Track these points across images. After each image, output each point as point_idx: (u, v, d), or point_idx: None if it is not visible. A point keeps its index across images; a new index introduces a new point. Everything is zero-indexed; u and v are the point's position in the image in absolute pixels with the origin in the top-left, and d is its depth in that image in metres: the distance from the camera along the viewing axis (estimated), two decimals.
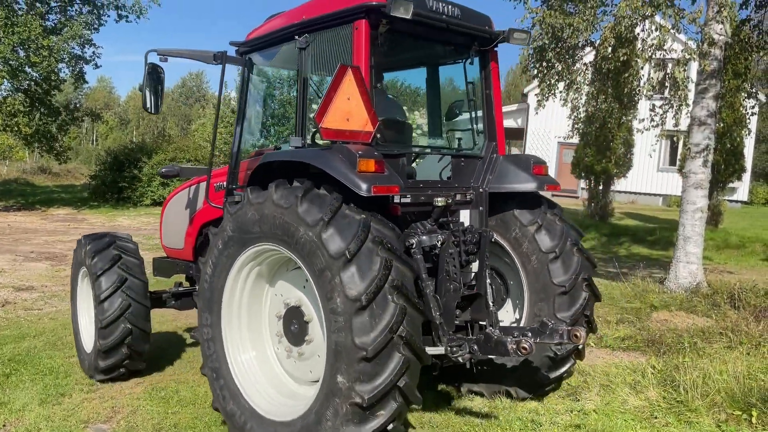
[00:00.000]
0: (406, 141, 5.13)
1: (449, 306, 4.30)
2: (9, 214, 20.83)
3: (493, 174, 4.93)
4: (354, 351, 3.48)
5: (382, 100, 5.16)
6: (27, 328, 7.35)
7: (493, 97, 5.10)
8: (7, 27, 19.46)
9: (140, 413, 4.92)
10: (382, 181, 3.83)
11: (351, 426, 3.53)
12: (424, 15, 4.33)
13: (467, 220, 4.85)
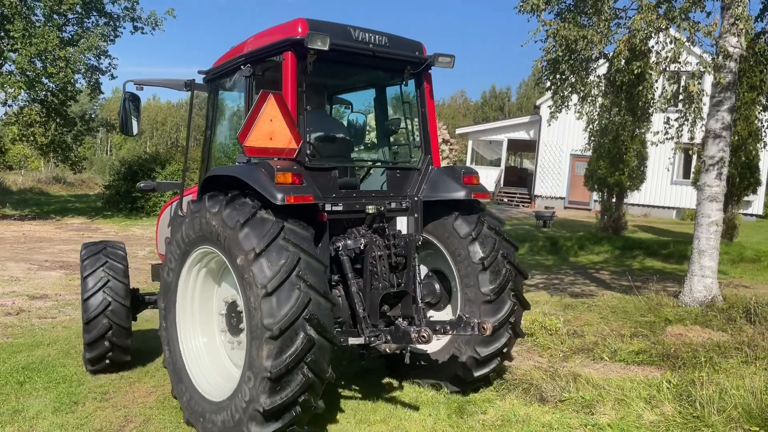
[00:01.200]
0: (343, 156, 5.60)
1: (374, 302, 4.84)
2: (24, 223, 21.03)
3: (427, 184, 5.47)
4: (263, 331, 4.00)
5: (320, 118, 5.76)
6: (41, 336, 7.40)
7: (427, 114, 5.64)
8: (24, 38, 19.75)
9: (153, 423, 4.92)
10: (296, 191, 4.33)
11: (263, 397, 4.03)
12: (349, 46, 4.96)
13: (404, 227, 5.32)
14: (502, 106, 76.00)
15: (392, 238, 5.05)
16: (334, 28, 4.91)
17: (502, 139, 33.63)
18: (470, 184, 5.36)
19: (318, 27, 4.77)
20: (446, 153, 20.19)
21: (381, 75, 5.85)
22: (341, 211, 4.99)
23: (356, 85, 6.30)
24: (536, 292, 11.04)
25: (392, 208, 5.31)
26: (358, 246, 4.97)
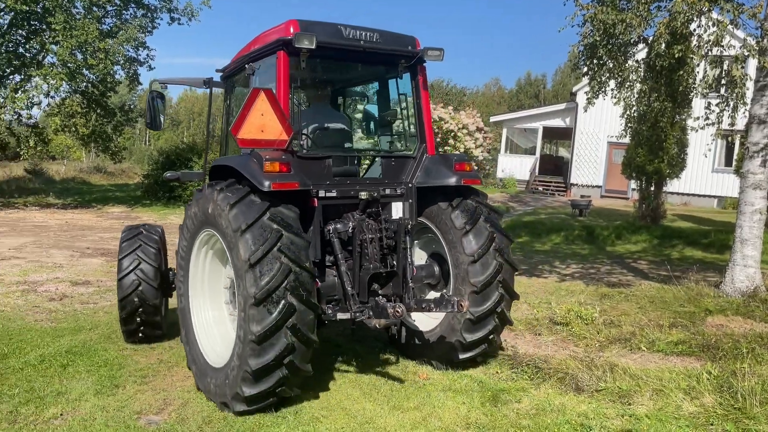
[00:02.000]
0: (338, 145, 5.97)
1: (363, 281, 5.19)
2: (67, 212, 21.60)
3: (422, 171, 5.77)
4: (248, 300, 4.46)
5: (317, 111, 6.16)
6: (83, 321, 7.61)
7: (422, 105, 5.92)
8: (65, 31, 20.17)
9: (190, 406, 5.02)
10: (282, 178, 4.75)
11: (251, 359, 4.50)
12: (339, 43, 5.32)
13: (399, 212, 5.67)
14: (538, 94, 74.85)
15: (384, 222, 5.47)
16: (325, 27, 5.29)
17: (537, 127, 33.17)
18: (461, 170, 5.59)
19: (308, 27, 5.17)
20: (480, 141, 20.00)
21: (375, 69, 6.21)
22: (335, 197, 5.38)
23: (352, 79, 6.67)
24: (572, 281, 10.91)
25: (387, 194, 5.66)
26: (347, 229, 5.35)
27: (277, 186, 4.70)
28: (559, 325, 7.51)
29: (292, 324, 4.52)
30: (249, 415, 4.81)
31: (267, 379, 4.59)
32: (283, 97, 5.18)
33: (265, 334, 4.44)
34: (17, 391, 5.18)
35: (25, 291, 9.03)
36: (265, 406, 4.77)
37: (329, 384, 5.54)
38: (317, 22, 5.31)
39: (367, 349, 6.60)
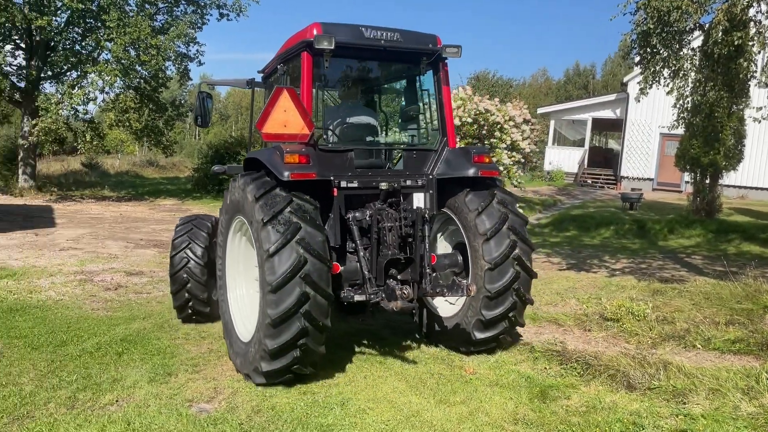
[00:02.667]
0: (362, 139, 6.27)
1: (380, 266, 5.41)
2: (121, 204, 22.28)
3: (442, 163, 6.02)
4: (266, 286, 4.85)
5: (343, 107, 6.49)
6: (137, 310, 7.83)
7: (444, 100, 6.16)
8: (119, 28, 20.74)
9: (240, 395, 5.11)
10: (300, 169, 5.08)
11: (267, 339, 4.91)
12: (360, 43, 5.61)
13: (420, 202, 5.93)
14: (586, 84, 73.15)
15: (402, 212, 5.74)
16: (347, 29, 5.60)
17: (586, 119, 32.47)
18: (480, 162, 5.80)
19: (330, 29, 5.48)
20: (527, 133, 19.63)
21: (397, 67, 6.55)
22: (356, 187, 5.69)
23: (376, 77, 6.95)
24: (622, 276, 10.66)
25: (408, 185, 5.92)
26: (365, 217, 5.60)
27: (295, 176, 5.04)
28: (610, 321, 7.34)
29: (306, 310, 4.88)
30: (297, 405, 4.87)
31: (282, 359, 4.98)
32: (306, 95, 5.55)
33: (280, 318, 4.84)
34: (75, 378, 5.36)
35: (83, 281, 9.35)
36: (282, 381, 5.17)
37: (375, 376, 5.56)
38: (340, 24, 5.63)
39: (412, 342, 6.59)
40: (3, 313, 7.37)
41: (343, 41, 5.48)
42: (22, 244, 12.32)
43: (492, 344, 6.04)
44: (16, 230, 14.27)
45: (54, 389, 5.11)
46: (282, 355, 4.97)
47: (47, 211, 18.70)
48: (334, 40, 5.36)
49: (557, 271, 11.25)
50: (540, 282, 10.04)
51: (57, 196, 23.25)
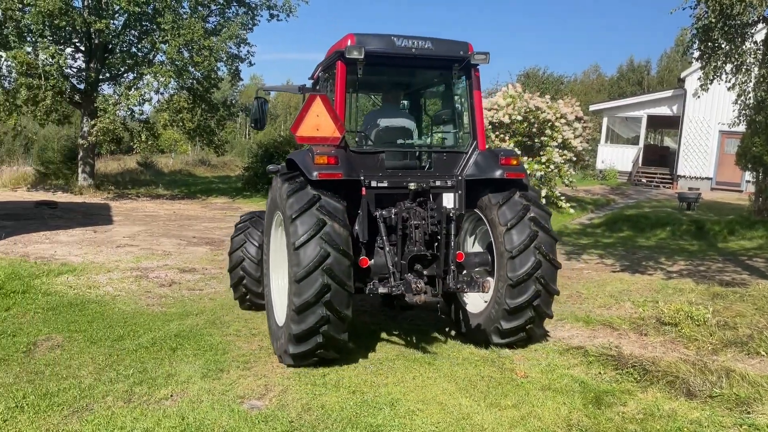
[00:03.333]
0: (392, 141, 6.57)
1: (405, 260, 5.82)
2: (175, 202, 22.85)
3: (472, 165, 6.23)
4: (292, 276, 5.27)
5: (382, 111, 6.90)
6: (190, 306, 7.99)
7: (474, 104, 6.36)
8: (173, 30, 21.26)
9: (290, 392, 5.15)
10: (328, 169, 5.45)
11: (293, 324, 5.32)
12: (392, 52, 5.95)
13: (449, 202, 6.13)
14: (641, 80, 71.12)
15: (429, 210, 5.95)
16: (379, 39, 5.94)
17: (641, 116, 31.59)
18: (507, 164, 5.99)
19: (362, 40, 5.86)
20: (579, 131, 19.20)
21: (429, 73, 6.81)
22: (385, 187, 6.00)
23: (410, 82, 7.30)
24: (680, 279, 10.31)
25: (437, 185, 6.15)
26: (390, 215, 5.89)
27: (323, 175, 5.43)
28: (668, 325, 7.09)
29: (327, 300, 5.25)
30: (346, 405, 4.87)
31: (306, 343, 5.40)
32: (339, 101, 6.02)
33: (303, 306, 5.24)
34: (132, 372, 5.50)
35: (138, 277, 9.60)
36: (309, 363, 5.57)
37: (424, 377, 5.52)
38: (373, 34, 5.97)
39: (462, 343, 6.51)
40: (64, 308, 7.63)
41: (375, 50, 5.87)
42: (82, 241, 12.76)
43: (520, 334, 6.11)
44: (76, 227, 14.79)
45: (111, 383, 5.25)
46: (306, 340, 5.38)
47: (105, 209, 19.33)
48: (364, 51, 5.75)
49: (611, 272, 10.97)
50: (593, 284, 9.81)
51: (114, 194, 24.01)
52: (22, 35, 20.98)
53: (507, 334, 6.05)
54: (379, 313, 7.83)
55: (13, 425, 4.41)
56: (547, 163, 18.82)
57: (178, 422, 4.51)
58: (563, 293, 9.02)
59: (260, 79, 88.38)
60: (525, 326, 6.03)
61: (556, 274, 6.04)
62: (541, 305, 5.96)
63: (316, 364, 5.60)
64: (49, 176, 26.42)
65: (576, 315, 7.74)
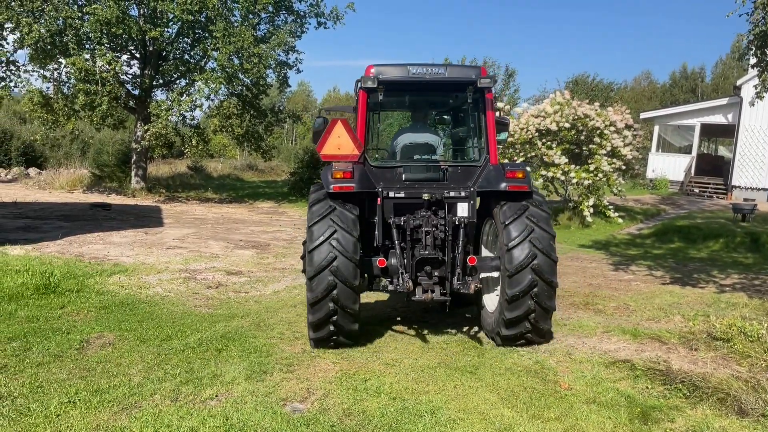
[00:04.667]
0: (410, 157, 7.18)
1: (411, 263, 6.43)
2: (223, 206, 23.31)
3: (483, 178, 6.73)
4: (307, 275, 6.16)
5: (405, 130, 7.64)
6: (236, 308, 8.14)
7: (487, 123, 6.89)
8: (224, 38, 21.75)
9: (332, 397, 5.19)
10: (343, 182, 6.28)
11: (309, 315, 6.24)
12: (406, 79, 6.69)
13: (463, 212, 6.63)
14: (694, 88, 69.15)
15: (440, 219, 6.56)
16: (395, 68, 6.69)
17: (694, 124, 30.69)
18: (512, 178, 6.42)
19: (380, 70, 6.64)
20: (629, 139, 18.78)
21: (444, 95, 7.49)
22: (402, 197, 6.64)
23: (428, 104, 7.93)
24: (732, 293, 9.97)
25: (452, 196, 6.67)
26: (400, 222, 6.53)
27: (337, 188, 6.27)
28: (719, 340, 6.86)
29: (335, 296, 6.02)
30: (387, 411, 4.89)
31: (320, 331, 6.22)
32: (360, 123, 6.87)
33: (314, 300, 6.06)
34: (179, 371, 5.64)
35: (187, 278, 9.84)
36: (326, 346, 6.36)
37: (465, 386, 5.49)
38: (391, 64, 6.72)
39: (505, 352, 6.45)
40: (115, 307, 7.88)
41: (390, 79, 6.63)
42: (134, 242, 13.15)
43: (520, 341, 6.55)
44: (129, 229, 15.25)
45: (159, 381, 5.39)
46: (320, 329, 6.21)
47: (156, 211, 19.88)
48: (377, 80, 6.52)
49: (660, 285, 10.69)
50: (641, 296, 9.58)
51: (165, 197, 24.66)
52: (81, 42, 21.81)
53: (507, 340, 6.49)
54: (420, 320, 7.82)
55: (65, 420, 4.58)
56: (595, 172, 18.48)
57: (222, 422, 4.61)
58: (610, 305, 8.84)
59: (308, 86, 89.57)
60: (523, 335, 6.45)
61: (555, 267, 6.34)
62: (536, 320, 6.33)
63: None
64: (104, 179, 27.32)
65: (623, 327, 7.58)
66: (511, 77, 41.11)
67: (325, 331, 6.24)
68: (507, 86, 41.09)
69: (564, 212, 19.55)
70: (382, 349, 6.52)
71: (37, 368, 5.60)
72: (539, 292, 6.24)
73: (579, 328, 7.57)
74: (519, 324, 6.36)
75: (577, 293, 9.67)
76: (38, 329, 6.76)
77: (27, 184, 27.25)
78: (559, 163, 18.42)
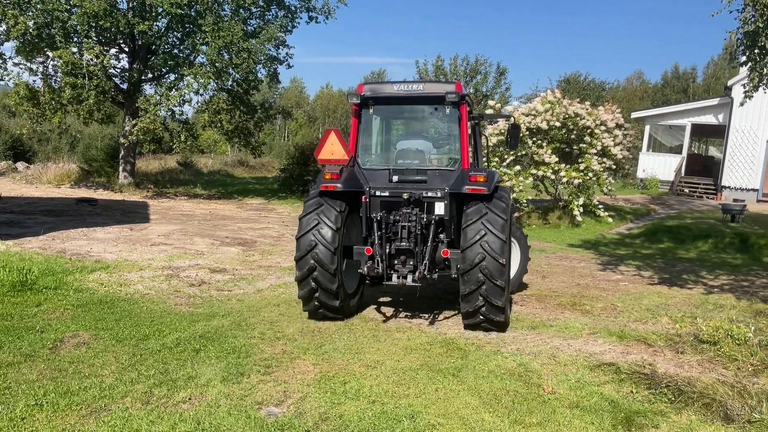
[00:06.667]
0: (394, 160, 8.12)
1: (385, 252, 7.36)
2: (211, 202, 23.11)
3: (455, 181, 7.40)
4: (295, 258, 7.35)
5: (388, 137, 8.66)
6: (217, 307, 7.99)
7: (461, 131, 7.65)
8: (214, 32, 21.52)
9: (309, 400, 5.06)
10: (329, 182, 7.30)
11: (298, 290, 7.41)
12: (390, 94, 7.70)
13: (440, 210, 7.41)
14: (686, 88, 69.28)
15: (416, 215, 7.38)
16: (381, 85, 7.90)
17: (685, 124, 30.71)
18: (473, 182, 7.15)
19: (369, 87, 7.72)
20: (619, 138, 18.70)
21: (426, 108, 8.22)
22: (386, 196, 7.50)
23: (412, 116, 8.90)
24: (720, 294, 9.91)
25: (429, 196, 7.45)
26: (377, 217, 7.42)
27: (324, 188, 7.33)
28: (706, 343, 6.78)
29: (315, 276, 7.15)
30: (365, 415, 4.76)
31: (308, 305, 7.42)
32: (352, 132, 7.92)
33: (299, 279, 7.27)
34: (153, 373, 5.49)
35: (169, 276, 9.67)
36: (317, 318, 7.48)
37: (447, 389, 5.37)
38: (378, 82, 8.17)
39: (490, 354, 6.34)
40: (93, 305, 7.71)
41: (373, 95, 7.67)
42: (118, 239, 12.95)
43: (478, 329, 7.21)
44: (114, 225, 15.05)
45: (132, 383, 5.24)
46: (307, 303, 7.40)
47: (143, 207, 19.66)
48: (359, 97, 7.60)
49: (648, 285, 10.62)
50: (629, 297, 9.50)
51: (153, 193, 24.43)
52: (68, 36, 21.52)
53: (466, 316, 7.15)
54: (405, 321, 7.70)
55: (30, 423, 4.42)
56: (585, 171, 18.41)
57: (193, 427, 4.46)
58: (597, 306, 8.76)
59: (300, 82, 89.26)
60: (479, 324, 7.12)
61: (503, 269, 6.88)
62: (488, 314, 6.97)
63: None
64: (92, 174, 27.02)
65: (610, 329, 7.48)
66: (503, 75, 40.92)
67: (311, 306, 7.37)
68: (498, 84, 40.91)
69: (554, 211, 19.48)
70: (364, 350, 6.40)
71: (7, 368, 5.44)
72: (487, 290, 6.84)
73: (565, 329, 7.47)
74: (474, 315, 7.06)
75: (565, 293, 9.58)
76: (11, 327, 6.59)
77: (14, 179, 26.94)
78: (549, 162, 18.34)
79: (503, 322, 7.13)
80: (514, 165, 18.95)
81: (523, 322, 7.77)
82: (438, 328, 7.37)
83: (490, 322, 7.10)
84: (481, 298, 6.88)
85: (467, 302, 6.99)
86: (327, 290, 7.20)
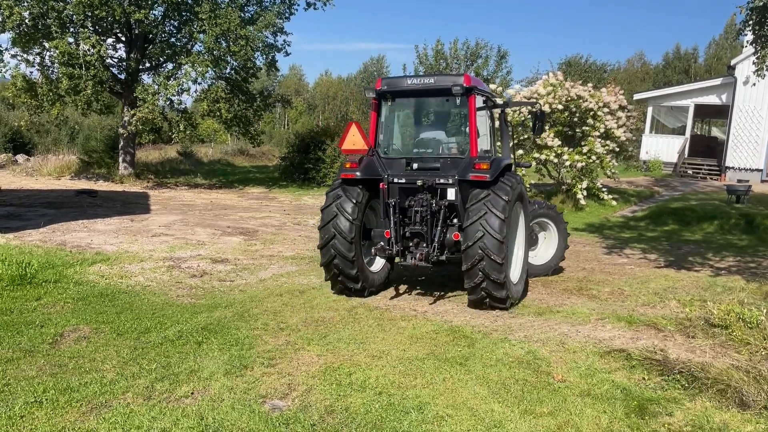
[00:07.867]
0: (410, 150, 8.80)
1: (399, 234, 7.87)
2: (212, 191, 22.97)
3: (463, 168, 7.75)
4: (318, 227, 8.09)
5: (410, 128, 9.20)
6: (219, 298, 7.88)
7: (470, 122, 7.99)
8: (210, 19, 21.26)
9: (314, 393, 4.95)
10: (349, 171, 8.02)
11: (321, 257, 8.07)
12: (403, 88, 8.22)
13: (452, 195, 7.81)
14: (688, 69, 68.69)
15: (428, 201, 7.80)
16: (396, 80, 8.31)
17: (688, 105, 30.42)
18: (477, 169, 7.52)
19: (386, 82, 8.31)
20: (622, 120, 18.48)
21: (436, 100, 8.74)
22: (403, 183, 7.98)
23: (425, 108, 9.27)
24: (729, 276, 9.78)
25: (442, 182, 7.84)
26: (394, 203, 7.84)
27: (344, 176, 8.05)
28: (717, 327, 6.66)
29: (334, 244, 7.79)
30: (372, 407, 4.66)
31: (328, 272, 8.04)
32: (372, 124, 8.44)
33: (321, 245, 7.94)
34: (155, 367, 5.39)
35: (170, 267, 9.56)
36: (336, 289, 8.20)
37: (455, 379, 5.26)
38: (395, 77, 8.41)
39: (497, 343, 6.23)
40: (94, 298, 7.61)
41: (390, 89, 8.24)
42: (118, 230, 12.84)
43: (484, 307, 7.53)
44: (114, 216, 14.93)
45: (134, 378, 5.14)
46: (329, 271, 8.03)
47: (143, 198, 19.53)
48: (377, 92, 8.24)
49: (654, 268, 10.49)
50: (636, 280, 9.38)
51: (153, 183, 24.28)
52: (64, 25, 21.27)
53: (470, 292, 7.48)
54: (410, 309, 7.59)
55: (29, 421, 4.32)
56: (588, 154, 18.23)
57: (196, 422, 4.36)
58: (604, 290, 8.64)
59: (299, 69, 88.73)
60: (483, 300, 7.44)
61: (501, 246, 7.16)
62: (488, 289, 7.29)
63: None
64: (92, 165, 26.88)
65: (618, 314, 7.36)
66: (504, 59, 40.54)
67: (331, 272, 7.98)
68: (499, 68, 40.55)
69: (557, 195, 19.31)
70: (369, 340, 6.29)
71: (6, 365, 5.33)
72: (486, 266, 7.18)
73: (572, 315, 7.36)
74: (475, 291, 7.41)
75: (571, 278, 9.46)
76: (11, 322, 6.48)
77: (14, 171, 26.82)
78: (552, 145, 18.16)
79: (503, 298, 7.39)
80: (517, 149, 18.75)
81: (529, 308, 7.65)
82: (443, 316, 7.25)
83: (492, 299, 7.40)
84: (481, 274, 7.21)
85: (469, 278, 7.34)
86: (344, 257, 7.81)
